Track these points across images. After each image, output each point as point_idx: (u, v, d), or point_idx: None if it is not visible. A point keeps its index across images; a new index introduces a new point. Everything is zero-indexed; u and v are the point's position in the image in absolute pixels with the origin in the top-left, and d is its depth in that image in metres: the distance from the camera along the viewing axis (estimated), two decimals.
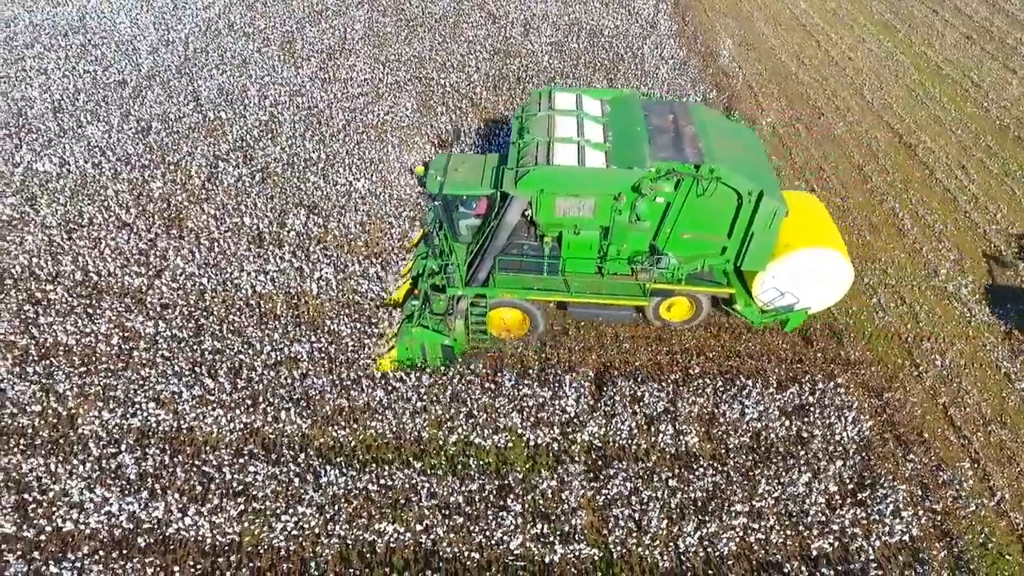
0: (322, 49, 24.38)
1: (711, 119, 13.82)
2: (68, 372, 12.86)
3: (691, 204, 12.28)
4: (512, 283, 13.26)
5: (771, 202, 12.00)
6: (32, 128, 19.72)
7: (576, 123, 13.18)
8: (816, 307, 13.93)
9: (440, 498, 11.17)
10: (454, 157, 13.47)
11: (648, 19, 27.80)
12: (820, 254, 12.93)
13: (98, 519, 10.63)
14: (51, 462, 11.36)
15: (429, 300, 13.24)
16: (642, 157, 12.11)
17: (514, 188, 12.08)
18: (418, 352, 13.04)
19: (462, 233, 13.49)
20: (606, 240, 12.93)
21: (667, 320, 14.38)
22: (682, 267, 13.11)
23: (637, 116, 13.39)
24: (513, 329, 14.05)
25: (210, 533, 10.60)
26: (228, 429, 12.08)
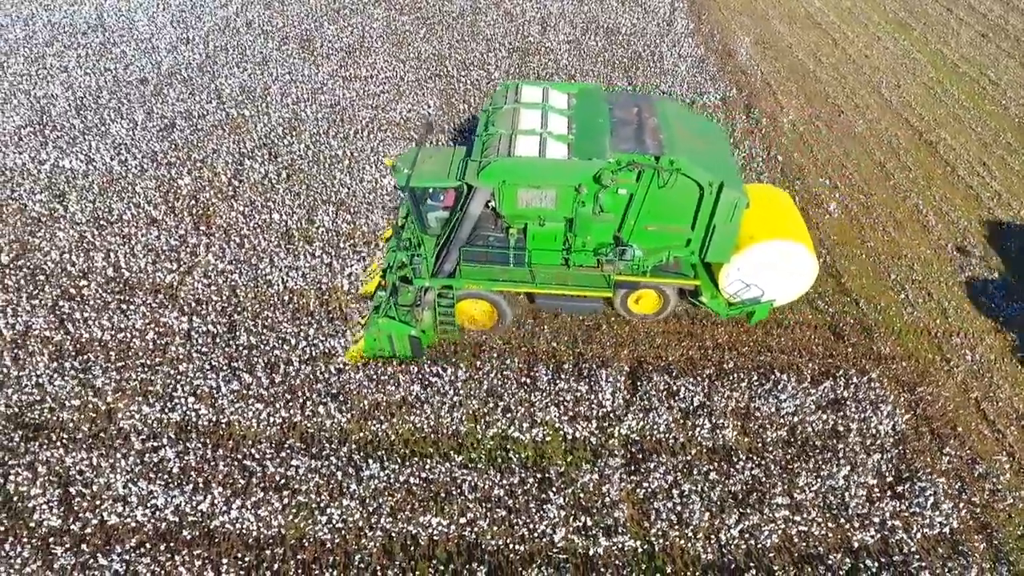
0: (341, 47, 24.45)
1: (675, 112, 13.95)
2: (105, 367, 12.92)
3: (653, 196, 12.35)
4: (478, 274, 13.35)
5: (732, 193, 12.08)
6: (56, 125, 19.79)
7: (541, 116, 13.31)
8: (782, 299, 14.06)
9: (482, 491, 11.22)
10: (424, 151, 13.54)
11: (664, 17, 27.86)
12: (784, 246, 13.05)
13: (143, 512, 10.68)
14: (93, 456, 11.42)
15: (397, 292, 13.38)
16: (602, 148, 12.24)
17: (476, 179, 12.18)
18: (386, 343, 13.10)
19: (431, 225, 13.55)
20: (571, 232, 13.00)
21: (635, 312, 14.44)
22: (647, 259, 13.20)
23: (601, 109, 13.51)
24: (481, 320, 14.11)
25: (255, 526, 10.65)
26: (267, 423, 12.14)
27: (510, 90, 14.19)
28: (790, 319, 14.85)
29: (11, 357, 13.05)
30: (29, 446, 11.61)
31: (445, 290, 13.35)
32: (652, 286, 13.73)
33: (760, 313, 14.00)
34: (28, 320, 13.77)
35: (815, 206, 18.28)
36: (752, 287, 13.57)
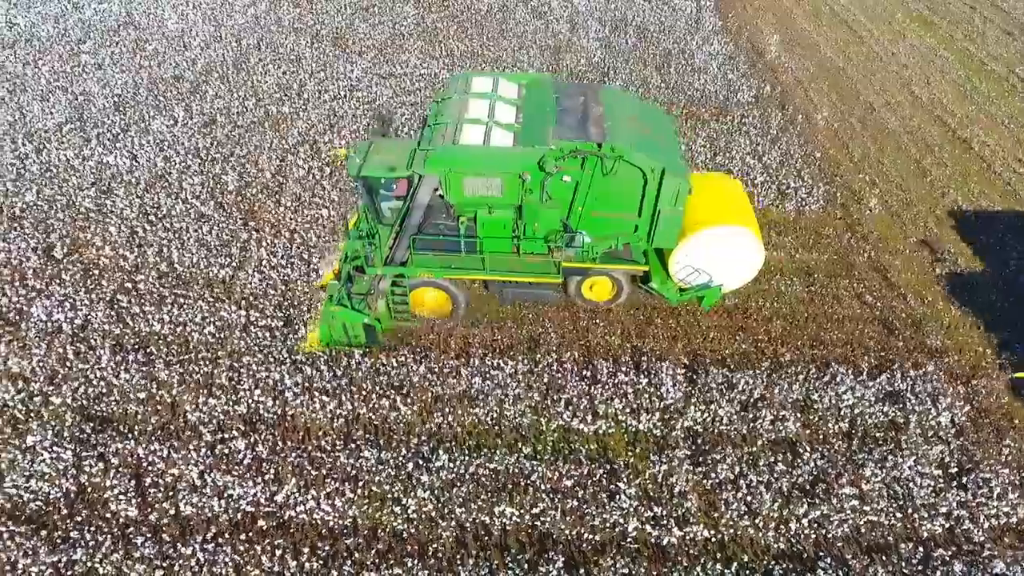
0: (373, 44, 24.55)
1: (622, 101, 14.10)
2: (167, 360, 13.02)
3: (598, 183, 12.49)
4: (430, 262, 13.48)
5: (674, 180, 12.23)
6: (97, 122, 19.87)
7: (488, 105, 13.47)
8: (730, 285, 14.25)
9: (550, 482, 11.32)
10: (377, 141, 13.67)
11: (691, 15, 27.97)
12: (731, 232, 13.25)
13: (219, 503, 10.78)
14: (164, 448, 11.51)
15: (352, 280, 13.51)
16: (545, 136, 12.42)
17: (422, 167, 12.32)
18: (341, 331, 13.22)
19: (385, 215, 13.64)
20: (520, 219, 13.15)
21: (590, 300, 14.56)
22: (597, 246, 13.32)
23: (548, 98, 13.67)
24: (437, 308, 14.21)
25: (330, 516, 10.75)
26: (333, 415, 12.23)
27: (460, 80, 14.35)
28: (839, 313, 14.97)
29: (73, 351, 13.14)
30: (99, 438, 11.70)
31: (399, 278, 13.48)
32: (602, 273, 13.90)
33: (710, 298, 14.17)
34: (87, 314, 13.86)
35: (855, 202, 18.40)
36: (701, 272, 13.79)
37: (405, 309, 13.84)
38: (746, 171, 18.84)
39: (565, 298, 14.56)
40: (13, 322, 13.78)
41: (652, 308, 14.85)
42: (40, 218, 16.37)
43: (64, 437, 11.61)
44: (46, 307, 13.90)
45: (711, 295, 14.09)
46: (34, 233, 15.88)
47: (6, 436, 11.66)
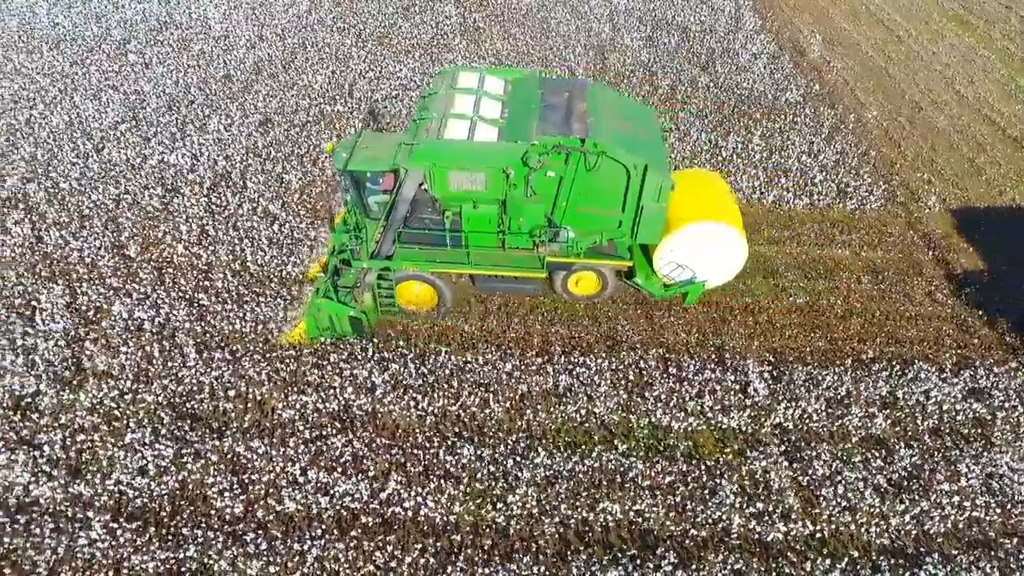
0: (419, 43, 24.57)
1: (606, 98, 14.26)
2: (254, 358, 13.04)
3: (582, 179, 12.61)
4: (416, 256, 13.58)
5: (656, 176, 12.37)
6: (152, 121, 19.89)
7: (474, 101, 13.59)
8: (713, 280, 14.38)
9: (650, 479, 11.37)
10: (365, 135, 13.75)
11: (730, 14, 28.02)
12: (715, 228, 13.40)
13: (324, 500, 10.80)
14: (261, 445, 11.54)
15: (338, 274, 13.60)
16: (528, 132, 12.50)
17: (407, 162, 12.39)
18: (327, 324, 13.30)
19: (372, 209, 13.73)
20: (505, 214, 13.25)
21: (575, 294, 14.66)
22: (581, 241, 13.44)
23: (534, 95, 13.78)
24: (423, 302, 14.29)
25: (435, 513, 10.78)
26: (424, 412, 12.27)
27: (447, 76, 14.47)
28: (912, 311, 15.02)
29: (159, 349, 13.17)
30: (195, 435, 11.72)
31: (385, 272, 13.56)
32: (587, 267, 14.00)
33: (693, 294, 14.29)
34: (168, 312, 13.88)
35: (914, 200, 18.45)
36: (685, 268, 13.93)
37: (391, 302, 13.91)
38: (804, 170, 18.89)
39: (548, 292, 14.66)
40: (94, 320, 13.80)
41: (727, 307, 14.91)
42: (109, 216, 16.39)
43: (162, 435, 11.63)
44: (127, 305, 13.93)
45: (694, 291, 14.23)
46: (105, 232, 15.90)
47: (104, 433, 11.68)
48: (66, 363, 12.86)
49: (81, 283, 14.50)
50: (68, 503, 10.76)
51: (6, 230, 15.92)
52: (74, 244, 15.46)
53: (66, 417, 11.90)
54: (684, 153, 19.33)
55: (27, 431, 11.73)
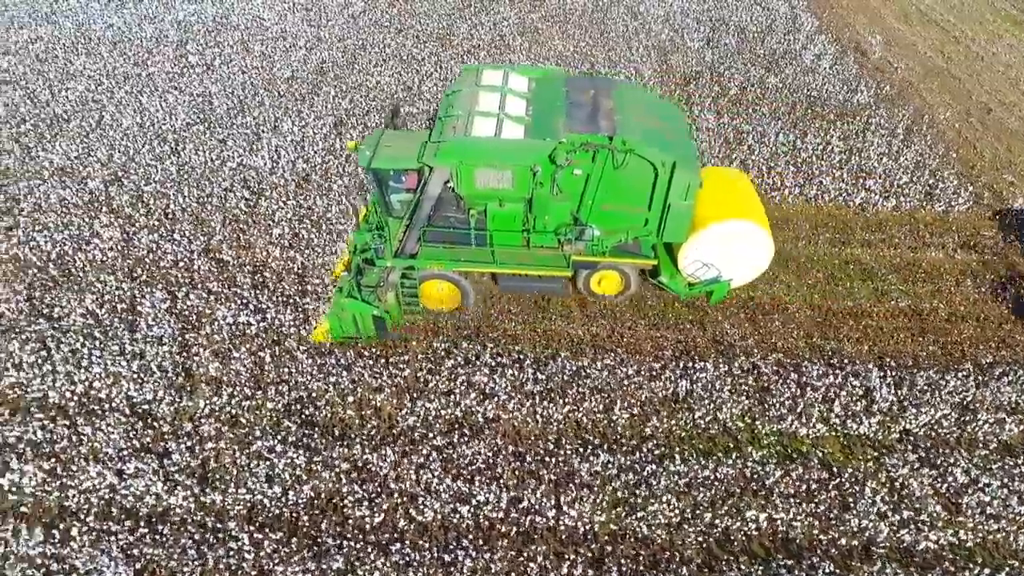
0: (479, 44, 24.38)
1: (633, 95, 14.16)
2: (368, 364, 12.85)
3: (609, 176, 12.51)
4: (440, 255, 13.46)
5: (685, 173, 12.24)
6: (223, 123, 19.69)
7: (499, 98, 13.48)
8: (739, 279, 14.26)
9: (788, 486, 11.18)
10: (388, 133, 13.65)
11: (784, 15, 27.86)
12: (742, 226, 13.27)
13: (464, 509, 10.61)
14: (390, 452, 11.34)
15: (361, 273, 13.45)
16: (556, 129, 12.37)
17: (433, 160, 12.30)
18: (350, 323, 13.14)
19: (395, 207, 13.62)
20: (530, 212, 13.15)
21: (598, 293, 14.51)
22: (606, 239, 13.33)
23: (559, 92, 13.69)
24: (445, 301, 14.16)
25: (577, 522, 10.59)
26: (549, 419, 12.08)
27: (471, 73, 14.33)
28: None
29: (270, 354, 12.98)
30: (320, 442, 11.52)
31: (409, 271, 13.42)
32: (611, 266, 13.87)
33: (718, 293, 14.13)
34: (273, 316, 13.68)
35: (1000, 202, 18.28)
36: (710, 267, 13.77)
37: (415, 301, 13.77)
38: (887, 172, 18.71)
39: (571, 291, 14.50)
40: (196, 325, 13.60)
41: (828, 310, 14.74)
42: (196, 220, 16.20)
43: (290, 442, 11.44)
44: (230, 310, 13.73)
45: (720, 290, 14.08)
46: (196, 235, 15.71)
47: (229, 441, 11.48)
48: (177, 369, 12.66)
49: (180, 287, 14.30)
50: (203, 512, 10.57)
51: (95, 233, 15.72)
52: (167, 248, 15.26)
53: (190, 424, 11.70)
54: (763, 154, 19.14)
55: (149, 438, 11.53)
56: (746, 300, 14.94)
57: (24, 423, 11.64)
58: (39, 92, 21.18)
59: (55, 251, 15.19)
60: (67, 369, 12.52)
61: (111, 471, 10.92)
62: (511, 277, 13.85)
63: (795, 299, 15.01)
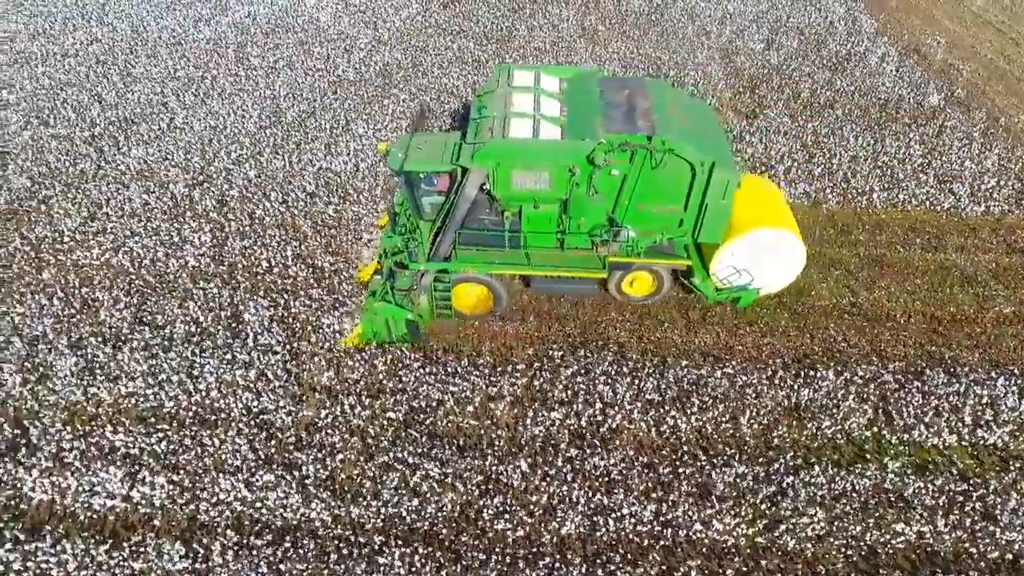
0: (540, 47, 24.19)
1: (667, 94, 14.02)
2: (483, 372, 12.65)
3: (646, 176, 12.39)
4: (474, 258, 13.34)
5: (723, 173, 12.15)
6: (295, 126, 19.50)
7: (533, 99, 13.38)
8: (768, 287, 14.07)
9: (927, 497, 10.97)
10: (417, 136, 13.54)
11: (841, 17, 27.67)
12: (780, 235, 13.13)
13: (607, 522, 10.40)
14: (521, 463, 11.13)
15: (394, 276, 13.30)
16: (594, 129, 12.26)
17: (470, 162, 12.19)
18: (383, 328, 13.00)
19: (425, 210, 13.47)
20: (565, 214, 13.03)
21: (629, 295, 14.35)
22: (641, 240, 13.21)
23: (592, 92, 13.58)
24: (477, 304, 14.01)
25: (722, 536, 10.38)
26: (671, 428, 11.87)
27: (503, 74, 14.23)
28: None
29: (381, 363, 12.77)
30: (446, 454, 11.31)
31: (441, 274, 13.29)
32: (646, 267, 13.73)
33: (746, 299, 13.95)
34: None
35: None
36: (742, 273, 13.55)
37: (448, 305, 13.63)
38: (971, 176, 18.51)
39: (602, 292, 14.33)
40: (303, 335, 13.39)
41: (932, 316, 14.53)
42: (283, 225, 16.00)
43: (418, 453, 11.23)
44: (336, 316, 13.53)
45: (747, 296, 13.90)
46: (289, 241, 15.51)
47: (354, 452, 11.27)
48: (290, 378, 12.46)
49: (281, 295, 14.10)
50: (340, 525, 10.36)
51: (184, 238, 15.53)
52: (260, 254, 15.06)
53: (315, 435, 11.49)
54: (843, 159, 18.94)
55: (273, 449, 11.33)
56: (848, 306, 14.74)
57: (147, 434, 11.44)
58: (104, 95, 21.00)
59: (148, 257, 15.00)
60: (179, 378, 12.32)
61: (240, 482, 10.71)
62: (544, 279, 13.75)
63: (897, 305, 14.81)
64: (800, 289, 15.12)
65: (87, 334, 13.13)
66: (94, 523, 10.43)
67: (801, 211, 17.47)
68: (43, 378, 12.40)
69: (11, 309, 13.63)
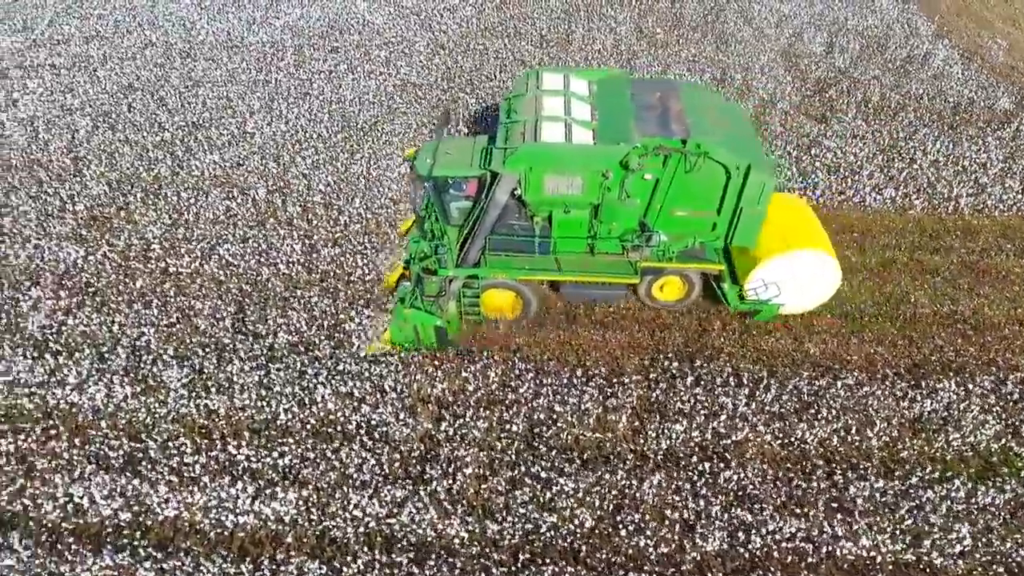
0: (601, 50, 23.97)
1: (699, 96, 13.92)
2: (600, 385, 12.43)
3: (680, 180, 12.21)
4: (503, 264, 13.19)
5: (759, 176, 11.97)
6: (367, 130, 19.29)
7: (563, 102, 13.20)
8: (795, 307, 13.78)
9: None
10: (444, 140, 13.42)
11: (895, 18, 27.46)
12: (825, 259, 12.94)
13: (751, 538, 10.18)
14: (658, 477, 10.91)
15: (421, 282, 13.11)
16: (628, 133, 12.13)
17: (502, 167, 12.02)
18: (411, 334, 12.84)
19: (453, 215, 13.34)
20: (596, 219, 12.87)
21: (658, 300, 14.18)
22: (673, 245, 13.07)
23: (623, 94, 13.44)
24: (507, 310, 13.85)
25: (869, 553, 10.16)
26: (799, 440, 11.66)
27: (531, 77, 14.11)
28: None
29: (494, 373, 12.55)
30: (575, 467, 11.09)
31: (470, 280, 13.14)
32: (677, 272, 13.56)
33: (767, 313, 13.65)
34: None
35: None
36: (775, 289, 13.16)
37: (476, 311, 13.48)
38: None
39: (631, 297, 14.19)
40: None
41: None
42: (369, 232, 15.78)
43: (550, 469, 11.00)
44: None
45: (769, 311, 13.60)
46: (380, 248, 15.29)
47: (479, 465, 11.05)
48: (404, 390, 12.24)
49: (383, 303, 13.88)
50: (480, 542, 10.14)
51: (271, 245, 15.32)
52: (352, 262, 14.84)
53: (442, 450, 11.27)
54: (924, 162, 18.72)
55: (398, 463, 11.12)
56: (950, 314, 14.52)
57: (267, 448, 11.23)
58: (168, 99, 20.80)
59: (240, 264, 14.79)
60: (290, 391, 12.10)
61: (372, 498, 10.49)
62: (575, 285, 13.60)
63: (999, 312, 14.59)
64: (898, 297, 14.93)
65: (193, 344, 12.91)
66: (222, 540, 10.22)
67: (887, 217, 17.29)
68: (149, 389, 12.19)
69: (111, 319, 13.41)
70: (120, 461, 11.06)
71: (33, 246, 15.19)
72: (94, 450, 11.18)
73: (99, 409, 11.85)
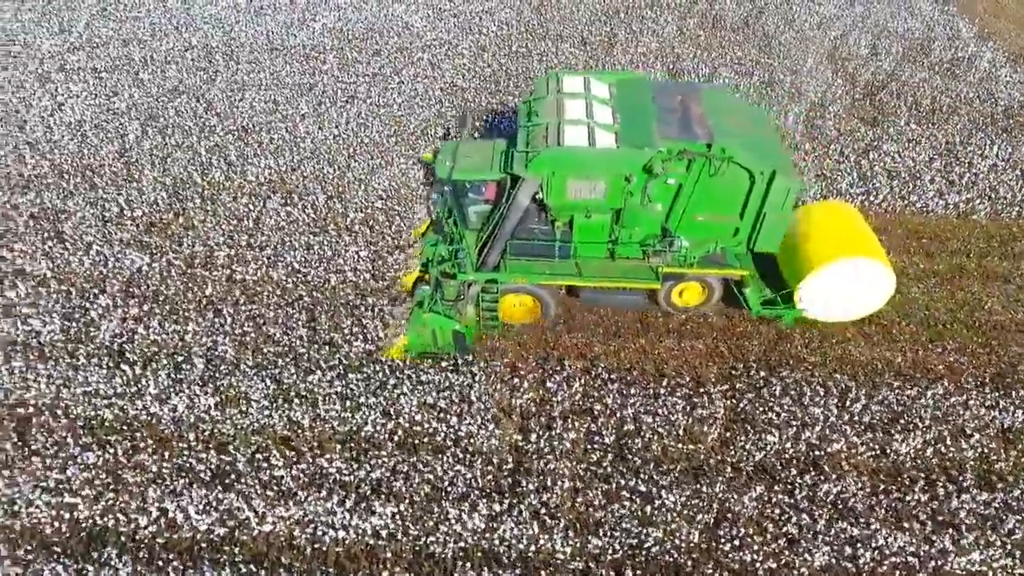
0: (647, 52, 23.76)
1: (721, 100, 13.75)
2: (687, 393, 12.26)
3: (703, 185, 12.11)
4: (523, 268, 13.05)
5: (784, 180, 11.84)
6: (421, 135, 19.11)
7: (585, 105, 13.03)
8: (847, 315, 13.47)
9: None
10: (463, 143, 13.32)
11: (935, 20, 27.25)
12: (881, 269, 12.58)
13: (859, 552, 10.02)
14: (749, 489, 10.75)
15: (440, 286, 12.99)
16: (651, 137, 11.94)
17: (524, 171, 11.90)
18: (429, 338, 12.71)
19: (471, 219, 13.27)
20: (618, 223, 12.73)
21: (678, 305, 14.02)
22: (694, 250, 12.93)
23: (645, 98, 13.28)
24: (524, 315, 13.74)
25: (975, 568, 9.99)
26: (889, 451, 11.49)
27: (551, 80, 13.94)
28: None
29: (578, 383, 12.38)
30: (669, 480, 10.92)
31: (489, 284, 12.99)
32: (698, 278, 13.42)
33: (789, 317, 13.47)
34: None
35: None
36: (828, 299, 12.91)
37: (495, 315, 13.31)
38: None
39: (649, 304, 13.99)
40: (490, 355, 13.00)
41: None
42: None
43: (645, 480, 10.83)
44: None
45: (790, 315, 13.43)
46: None
47: (577, 476, 10.88)
48: (488, 401, 12.06)
49: None
50: (583, 557, 9.96)
51: (337, 251, 15.14)
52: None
53: (535, 462, 11.10)
54: (981, 168, 18.53)
55: (491, 476, 10.95)
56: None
57: (356, 460, 11.05)
58: (215, 102, 20.62)
59: (308, 272, 14.61)
60: (373, 401, 11.93)
61: (470, 513, 10.32)
62: (594, 290, 13.44)
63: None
64: (971, 304, 14.75)
65: (269, 354, 12.74)
66: (319, 555, 10.05)
67: (951, 223, 17.10)
68: (230, 400, 12.03)
69: (183, 327, 13.23)
70: (208, 474, 10.90)
71: (96, 253, 15.01)
72: (181, 463, 11.00)
73: (181, 420, 11.67)
